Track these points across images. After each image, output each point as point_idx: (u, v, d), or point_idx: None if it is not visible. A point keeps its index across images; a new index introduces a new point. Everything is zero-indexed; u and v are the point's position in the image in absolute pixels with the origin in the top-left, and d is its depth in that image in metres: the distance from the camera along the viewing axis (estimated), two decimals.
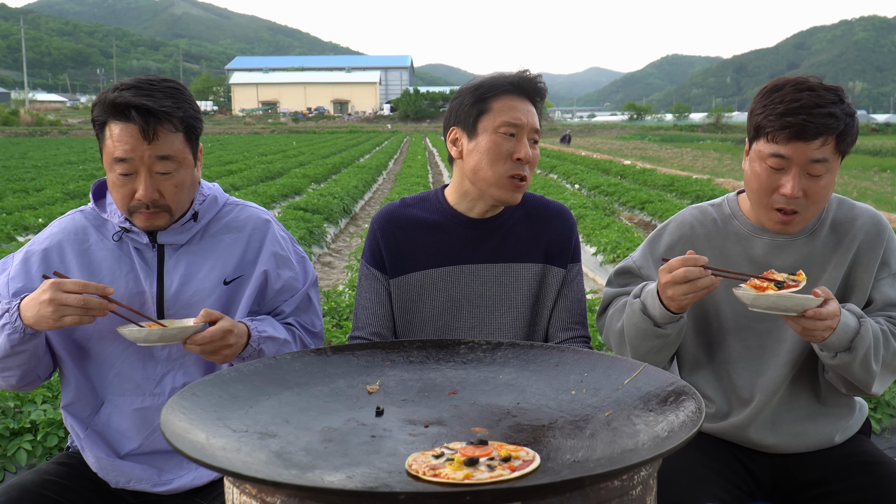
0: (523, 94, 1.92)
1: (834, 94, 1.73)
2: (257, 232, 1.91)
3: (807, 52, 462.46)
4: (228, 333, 1.67)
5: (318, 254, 8.96)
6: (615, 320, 1.94)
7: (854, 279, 1.87)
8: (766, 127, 1.74)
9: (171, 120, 1.70)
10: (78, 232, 1.83)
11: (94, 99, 1.74)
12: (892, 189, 17.64)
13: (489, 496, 0.98)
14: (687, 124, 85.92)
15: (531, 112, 1.91)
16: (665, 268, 1.72)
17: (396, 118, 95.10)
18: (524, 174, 1.90)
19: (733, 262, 1.88)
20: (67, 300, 1.59)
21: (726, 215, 1.95)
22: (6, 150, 31.90)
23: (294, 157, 26.36)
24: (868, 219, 1.88)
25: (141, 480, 1.79)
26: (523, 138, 1.90)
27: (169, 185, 1.73)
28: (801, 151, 1.71)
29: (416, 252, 1.99)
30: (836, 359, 1.74)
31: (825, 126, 1.69)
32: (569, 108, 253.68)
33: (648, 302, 1.80)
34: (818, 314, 1.64)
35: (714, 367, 1.94)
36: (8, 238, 8.78)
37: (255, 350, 1.75)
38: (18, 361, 1.72)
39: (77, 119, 78.97)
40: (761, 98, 1.78)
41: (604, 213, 10.89)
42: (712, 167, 23.76)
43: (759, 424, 1.89)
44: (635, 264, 2.00)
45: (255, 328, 1.76)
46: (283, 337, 1.82)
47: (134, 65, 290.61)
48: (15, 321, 1.65)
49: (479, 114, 1.90)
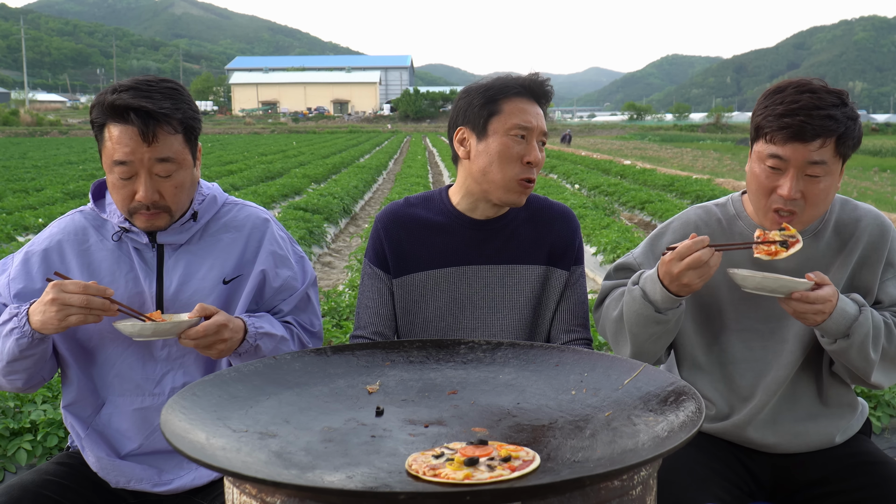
0: (533, 96, 1.92)
1: (836, 96, 1.72)
2: (256, 231, 1.91)
3: (807, 52, 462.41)
4: (223, 328, 1.67)
5: (318, 254, 8.96)
6: (612, 309, 1.94)
7: (859, 280, 1.87)
8: (765, 127, 1.74)
9: (170, 122, 1.70)
10: (77, 232, 1.83)
11: (92, 100, 1.74)
12: (893, 189, 17.65)
13: (489, 496, 0.98)
14: (687, 124, 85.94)
15: (540, 115, 1.93)
16: (675, 255, 1.71)
17: (396, 118, 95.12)
18: (533, 177, 1.92)
19: (737, 263, 1.87)
20: (71, 300, 1.59)
21: (731, 216, 1.94)
22: (6, 150, 31.91)
23: (294, 157, 26.37)
24: (872, 220, 1.88)
25: (141, 480, 1.79)
26: (533, 141, 1.90)
27: (169, 186, 1.73)
28: (798, 153, 1.71)
29: (419, 252, 1.99)
30: (834, 345, 1.76)
31: (823, 128, 1.68)
32: (569, 108, 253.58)
33: (649, 288, 1.80)
34: (806, 297, 1.66)
35: (715, 368, 1.94)
36: (8, 238, 8.79)
37: (252, 346, 1.75)
38: (25, 365, 1.73)
39: (77, 119, 78.97)
40: (763, 99, 1.79)
41: (604, 213, 10.90)
42: (712, 167, 23.76)
43: (759, 424, 1.89)
44: (636, 261, 2.00)
45: (251, 324, 1.76)
46: (281, 334, 1.82)
47: (134, 65, 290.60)
48: (24, 326, 1.66)
49: (490, 115, 1.89)
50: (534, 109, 1.91)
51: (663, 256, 1.75)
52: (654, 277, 1.78)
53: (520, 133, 1.88)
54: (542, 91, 1.94)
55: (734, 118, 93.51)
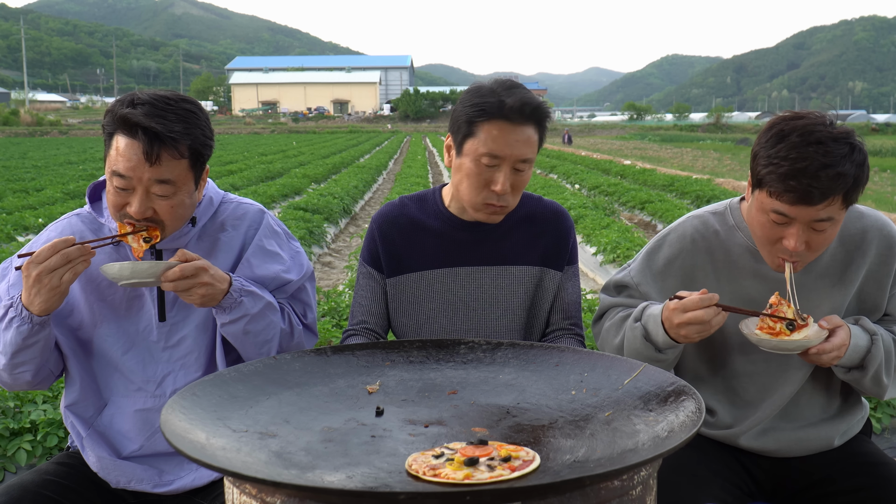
0: (517, 119, 1.81)
1: (844, 143, 1.58)
2: (251, 230, 1.91)
3: (807, 52, 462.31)
4: (201, 271, 1.66)
5: (318, 254, 8.96)
6: (612, 335, 1.90)
7: (867, 294, 1.83)
8: (768, 184, 1.63)
9: (178, 146, 1.66)
10: (74, 235, 1.82)
11: (109, 104, 1.72)
12: (893, 189, 17.64)
13: (489, 496, 0.98)
14: (687, 124, 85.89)
15: (519, 141, 1.81)
16: (679, 307, 1.66)
17: (396, 118, 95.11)
18: (500, 203, 1.86)
19: (740, 275, 1.83)
20: (51, 264, 1.60)
21: (729, 226, 1.86)
22: (6, 150, 31.91)
23: (294, 157, 26.36)
24: (878, 230, 1.81)
25: (142, 481, 1.79)
26: (504, 168, 1.82)
27: (165, 205, 1.71)
28: (805, 213, 1.61)
29: (412, 253, 1.99)
30: (848, 374, 1.76)
31: (831, 189, 1.57)
32: (569, 108, 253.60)
33: (651, 328, 1.76)
34: (822, 349, 1.65)
35: (718, 381, 1.91)
36: (8, 238, 8.78)
37: (236, 301, 1.74)
38: (31, 355, 1.72)
39: (77, 119, 78.98)
40: (766, 144, 1.64)
41: (604, 213, 10.90)
42: (712, 167, 23.76)
43: (760, 433, 1.88)
44: (633, 280, 1.93)
45: (237, 280, 1.76)
46: (268, 299, 1.81)
47: (134, 65, 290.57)
48: (21, 312, 1.65)
49: (466, 136, 1.84)
50: (513, 135, 1.80)
51: (668, 302, 1.70)
52: (657, 319, 1.74)
53: (490, 162, 1.81)
54: (527, 113, 1.81)
55: (734, 118, 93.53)
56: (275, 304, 1.84)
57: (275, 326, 1.82)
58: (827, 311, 1.80)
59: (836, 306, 1.81)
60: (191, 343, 1.83)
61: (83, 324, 1.81)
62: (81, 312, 1.81)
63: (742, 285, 1.84)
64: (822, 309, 1.80)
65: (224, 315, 1.76)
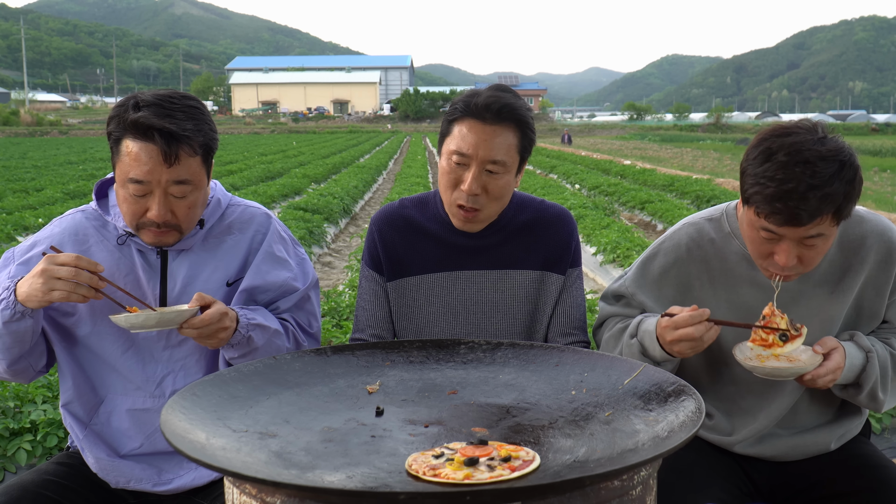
0: (489, 118, 1.77)
1: (833, 161, 1.53)
2: (258, 234, 1.90)
3: (807, 52, 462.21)
4: (224, 316, 1.67)
5: (318, 254, 8.96)
6: (611, 346, 1.91)
7: (864, 301, 1.81)
8: (756, 204, 1.59)
9: (192, 143, 1.67)
10: (78, 232, 1.82)
11: (111, 111, 1.72)
12: (893, 189, 17.64)
13: (489, 496, 0.98)
14: (687, 124, 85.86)
15: (488, 141, 1.77)
16: (670, 324, 1.66)
17: (396, 118, 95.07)
18: (469, 206, 1.82)
19: (736, 283, 1.82)
20: (58, 272, 1.59)
21: (725, 233, 1.84)
22: (6, 150, 31.91)
23: (294, 157, 26.36)
24: (877, 236, 1.77)
25: (141, 480, 1.79)
26: (473, 169, 1.79)
27: (182, 205, 1.71)
28: (793, 232, 1.59)
29: (412, 257, 1.97)
30: (843, 392, 1.76)
31: (819, 210, 1.53)
32: (569, 108, 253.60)
33: (647, 344, 1.76)
34: (817, 374, 1.64)
35: (717, 388, 1.91)
36: (8, 238, 8.80)
37: (244, 337, 1.74)
38: (7, 343, 1.69)
39: (77, 119, 78.97)
40: (753, 162, 1.61)
41: (604, 213, 10.90)
42: (712, 167, 23.75)
43: (757, 441, 1.88)
44: (628, 291, 1.92)
45: (243, 315, 1.75)
46: (274, 327, 1.81)
47: (134, 65, 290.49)
48: (9, 297, 1.65)
49: (444, 135, 1.86)
50: (483, 135, 1.77)
51: (660, 319, 1.71)
52: (652, 336, 1.74)
53: (458, 160, 1.80)
54: (496, 111, 1.76)
55: (734, 118, 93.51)
56: (280, 329, 1.83)
57: (280, 350, 1.82)
58: (825, 319, 1.79)
59: (833, 314, 1.80)
60: (192, 344, 1.82)
61: (82, 320, 1.80)
62: (81, 308, 1.80)
63: (739, 293, 1.82)
64: (820, 317, 1.79)
65: (233, 351, 1.76)
